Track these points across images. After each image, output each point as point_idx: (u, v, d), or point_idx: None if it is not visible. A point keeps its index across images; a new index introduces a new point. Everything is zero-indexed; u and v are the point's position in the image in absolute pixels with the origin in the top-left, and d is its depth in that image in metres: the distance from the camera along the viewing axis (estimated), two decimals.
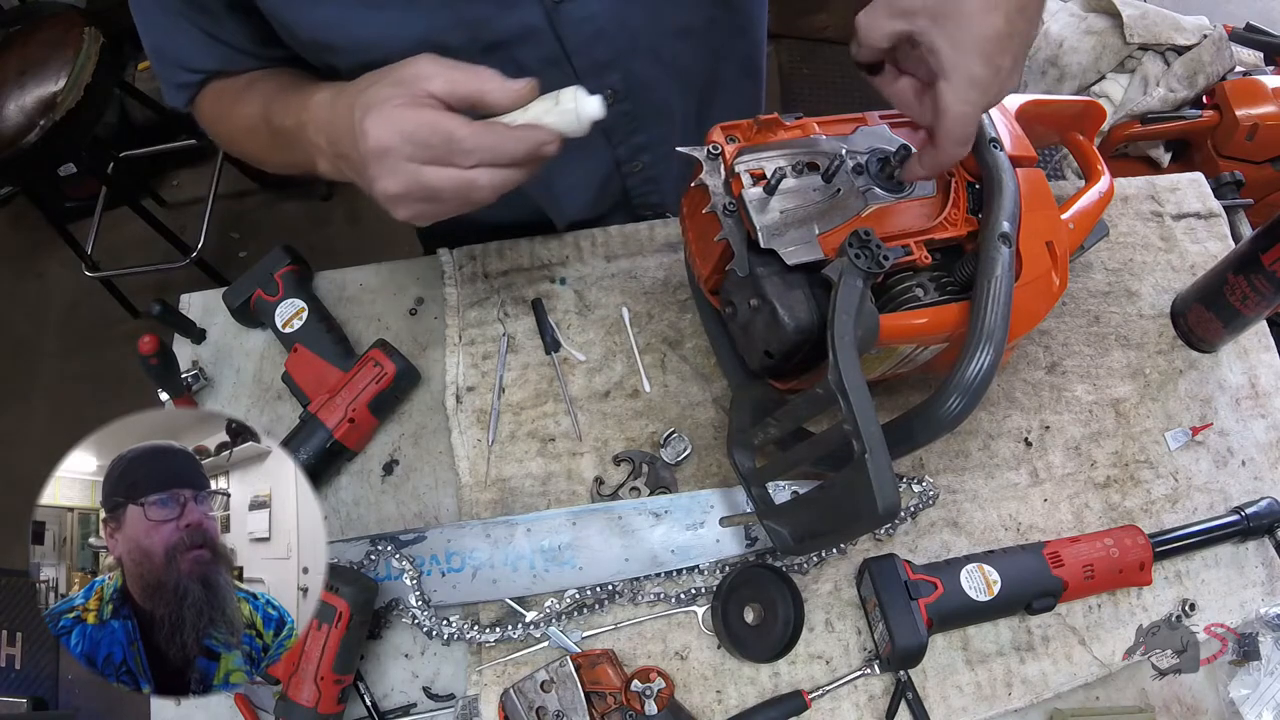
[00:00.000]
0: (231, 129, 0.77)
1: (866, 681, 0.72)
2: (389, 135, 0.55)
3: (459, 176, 0.57)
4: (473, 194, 0.57)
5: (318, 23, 0.66)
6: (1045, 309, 0.66)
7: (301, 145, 0.65)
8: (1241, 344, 0.88)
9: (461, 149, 0.55)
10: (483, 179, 0.57)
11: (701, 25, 0.80)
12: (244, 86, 0.75)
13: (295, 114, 0.65)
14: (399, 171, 0.56)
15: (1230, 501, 0.80)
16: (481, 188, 0.57)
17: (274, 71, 0.76)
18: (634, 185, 0.92)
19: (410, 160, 0.56)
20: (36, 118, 1.66)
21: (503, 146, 0.56)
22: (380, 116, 0.55)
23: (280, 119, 0.68)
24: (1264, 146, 1.70)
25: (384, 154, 0.56)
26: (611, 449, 0.81)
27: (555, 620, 0.73)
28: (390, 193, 0.57)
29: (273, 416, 0.84)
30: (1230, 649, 0.73)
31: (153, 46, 0.75)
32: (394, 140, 0.55)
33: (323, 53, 0.70)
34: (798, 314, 0.58)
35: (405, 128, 0.55)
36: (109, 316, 2.27)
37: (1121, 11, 1.78)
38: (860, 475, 0.53)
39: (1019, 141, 0.69)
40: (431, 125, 0.55)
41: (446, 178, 0.56)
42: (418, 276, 0.91)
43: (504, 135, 0.57)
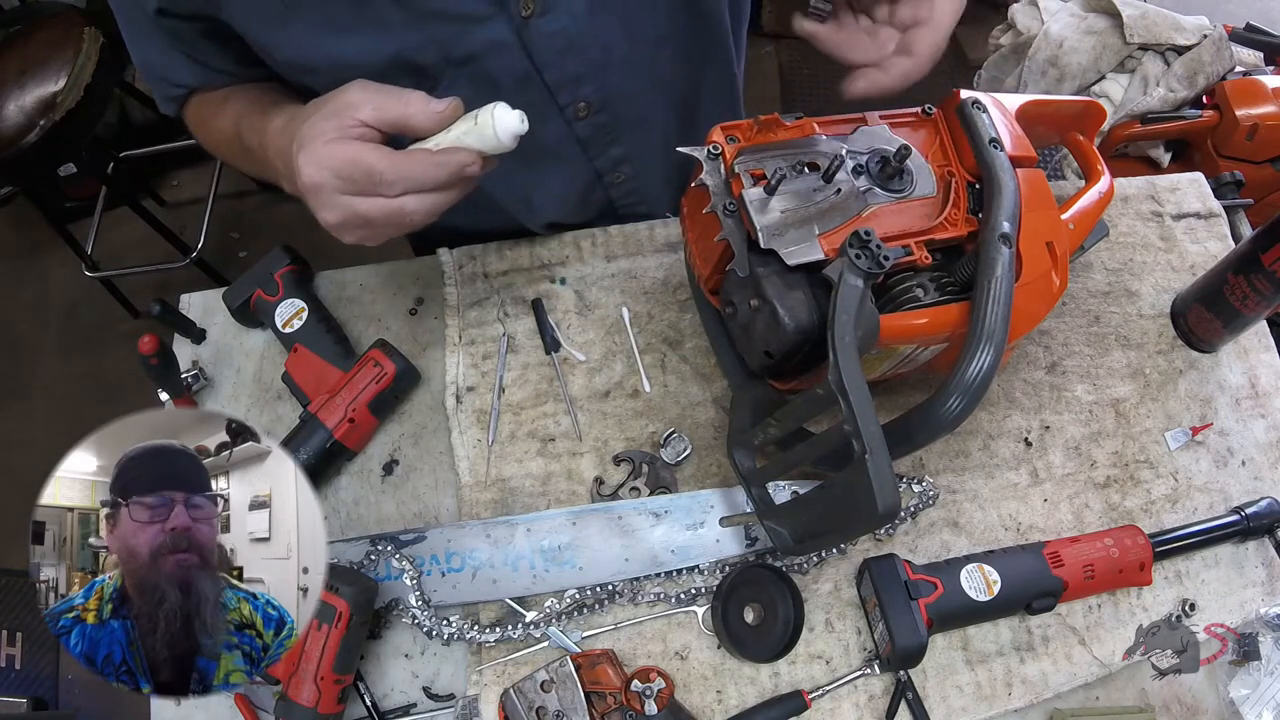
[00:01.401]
0: (214, 139, 0.81)
1: (866, 681, 0.72)
2: (318, 173, 0.59)
3: (387, 205, 0.59)
4: (404, 219, 0.60)
5: (294, 44, 0.68)
6: (1045, 309, 0.66)
7: (267, 164, 0.68)
8: (1241, 344, 0.88)
9: (384, 180, 0.58)
10: (409, 205, 0.60)
11: (675, 34, 0.80)
12: (220, 101, 0.78)
13: (258, 136, 0.69)
14: (333, 204, 0.60)
15: (1230, 501, 0.80)
16: (411, 213, 0.60)
17: (247, 87, 0.78)
18: (618, 196, 0.92)
19: (341, 193, 0.59)
20: (36, 118, 1.66)
21: (424, 175, 0.59)
22: (310, 154, 0.59)
23: (248, 138, 0.71)
24: (1264, 146, 1.70)
25: (317, 189, 0.59)
26: (611, 449, 0.81)
27: (555, 620, 0.73)
28: (330, 222, 0.61)
29: (273, 416, 0.84)
30: (1230, 649, 0.73)
31: (140, 61, 0.77)
32: (323, 177, 0.59)
33: (300, 73, 0.71)
34: (798, 314, 0.58)
35: (332, 164, 0.58)
36: (109, 316, 2.27)
37: (1121, 11, 1.78)
38: (860, 475, 0.53)
39: (1019, 141, 0.69)
40: (354, 161, 0.58)
41: (377, 207, 0.59)
42: (418, 276, 0.91)
43: (423, 163, 0.59)
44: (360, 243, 0.63)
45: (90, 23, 1.77)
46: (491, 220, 0.91)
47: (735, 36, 0.88)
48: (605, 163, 0.87)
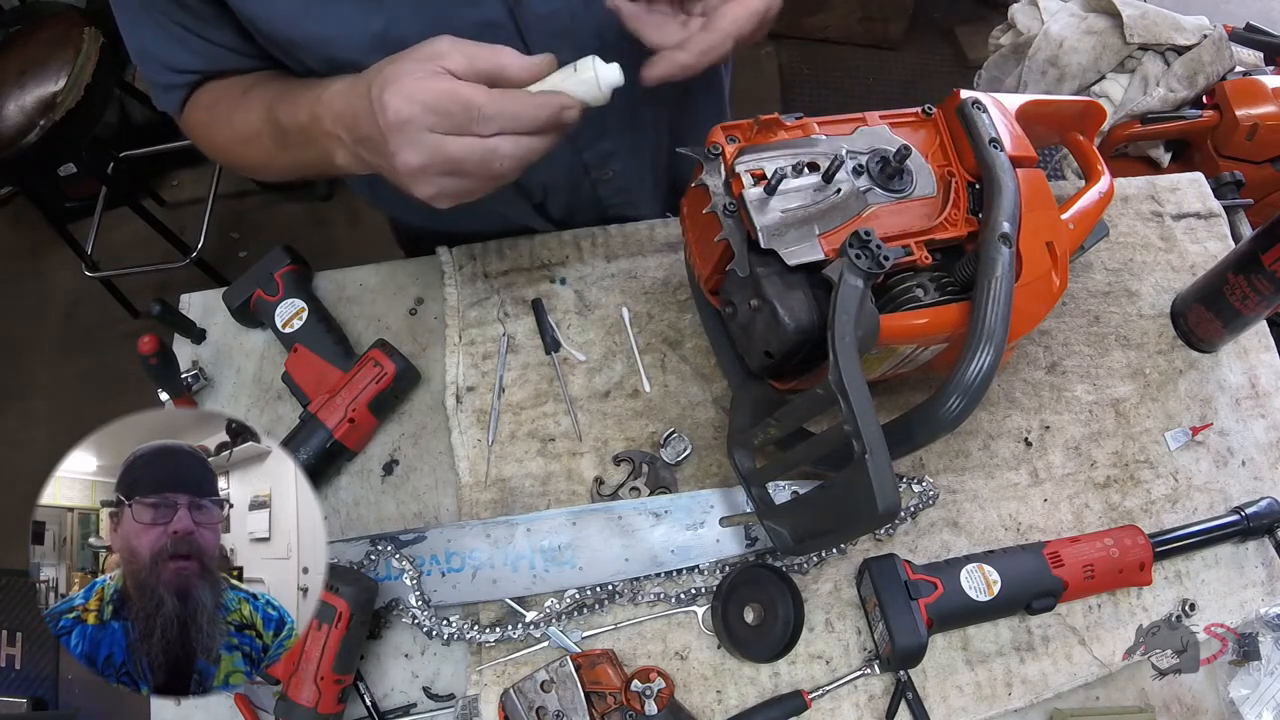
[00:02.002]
0: (229, 137, 0.76)
1: (866, 681, 0.72)
2: (408, 106, 0.55)
3: (480, 145, 0.56)
4: (495, 163, 0.57)
5: (277, 17, 0.66)
6: (1045, 309, 0.66)
7: (315, 140, 0.64)
8: (1241, 344, 0.88)
9: (482, 116, 0.55)
10: (505, 147, 0.57)
11: None
12: (241, 93, 0.74)
13: (308, 108, 0.65)
14: (419, 143, 0.56)
15: (1230, 501, 0.80)
16: (504, 156, 0.57)
17: (272, 75, 0.75)
18: (606, 195, 0.92)
19: (431, 130, 0.56)
20: (36, 118, 1.66)
21: (524, 112, 0.57)
22: (399, 89, 0.55)
23: (290, 118, 0.67)
24: (1264, 146, 1.70)
25: (404, 125, 0.55)
26: (611, 449, 0.81)
27: (555, 620, 0.73)
28: (412, 165, 0.57)
29: (273, 416, 0.84)
30: (1230, 649, 0.73)
31: (137, 48, 0.74)
32: (414, 111, 0.55)
33: (287, 48, 0.69)
34: (798, 314, 0.58)
35: (425, 98, 0.55)
36: (109, 316, 2.27)
37: (1121, 11, 1.78)
38: (860, 475, 0.53)
39: (1019, 141, 0.69)
40: (450, 94, 0.55)
41: (468, 147, 0.56)
42: (418, 276, 0.91)
43: (524, 100, 0.57)
44: (435, 198, 0.59)
45: (90, 23, 1.77)
46: (490, 220, 0.91)
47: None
48: (593, 156, 0.86)
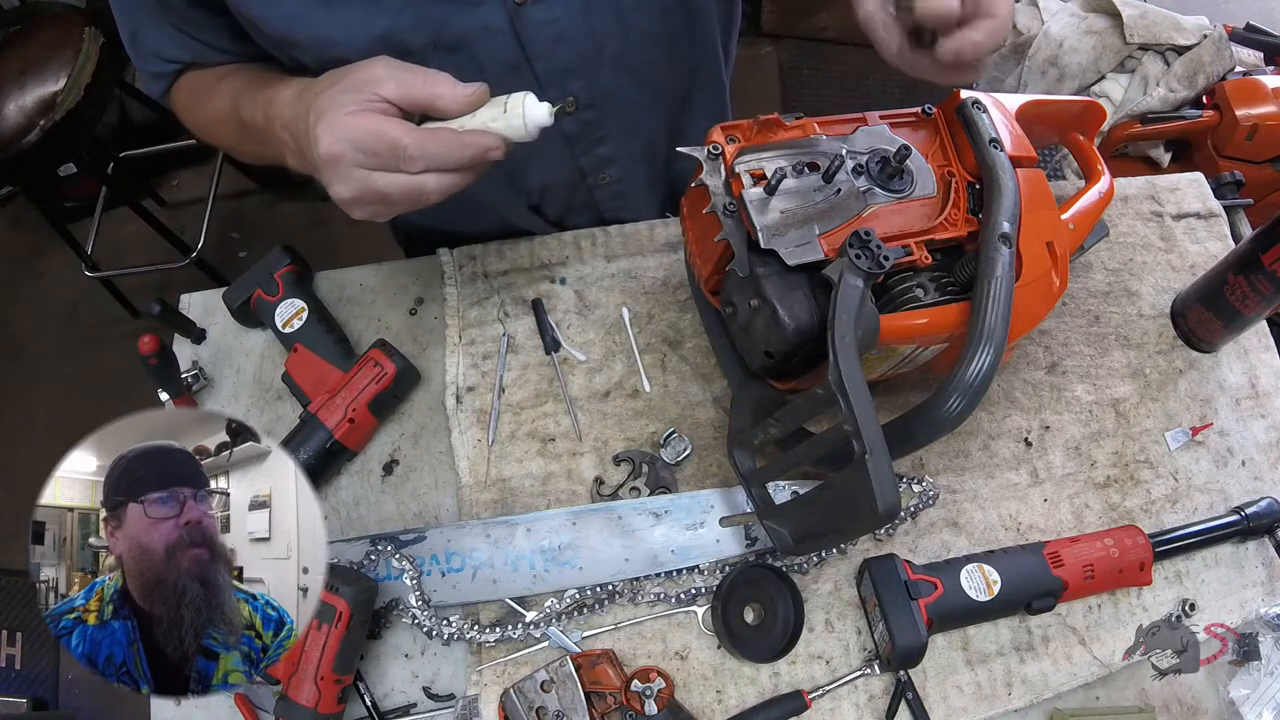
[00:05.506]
0: (205, 121, 0.79)
1: (866, 681, 0.72)
2: (338, 144, 0.57)
3: (407, 182, 0.58)
4: (421, 197, 0.59)
5: (280, 17, 0.67)
6: (1045, 309, 0.66)
7: (269, 140, 0.66)
8: (1241, 344, 0.88)
9: (407, 156, 0.57)
10: (430, 184, 0.58)
11: (668, 35, 0.79)
12: (215, 81, 0.76)
13: (263, 109, 0.67)
14: (350, 177, 0.58)
15: (1230, 501, 0.80)
16: (430, 191, 0.59)
17: (244, 66, 0.77)
18: (603, 199, 0.92)
19: (360, 167, 0.58)
20: (36, 118, 1.66)
21: (448, 154, 0.58)
22: (330, 125, 0.57)
23: (249, 113, 0.69)
24: (1264, 146, 1.70)
25: (335, 161, 0.57)
26: (611, 449, 0.81)
27: (555, 620, 0.73)
28: (344, 196, 0.59)
29: (273, 416, 0.84)
30: (1230, 649, 0.73)
31: (129, 35, 0.76)
32: (343, 148, 0.57)
33: (287, 48, 0.70)
34: (798, 314, 0.58)
35: (354, 136, 0.56)
36: (109, 316, 2.27)
37: (1121, 11, 1.78)
38: (860, 475, 0.53)
39: (1019, 141, 0.69)
40: (378, 134, 0.56)
41: (395, 183, 0.58)
42: (418, 276, 0.91)
43: (449, 141, 0.58)
44: (370, 219, 0.62)
45: (90, 23, 1.77)
46: (489, 221, 0.91)
47: (724, 47, 0.88)
48: (590, 161, 0.86)
